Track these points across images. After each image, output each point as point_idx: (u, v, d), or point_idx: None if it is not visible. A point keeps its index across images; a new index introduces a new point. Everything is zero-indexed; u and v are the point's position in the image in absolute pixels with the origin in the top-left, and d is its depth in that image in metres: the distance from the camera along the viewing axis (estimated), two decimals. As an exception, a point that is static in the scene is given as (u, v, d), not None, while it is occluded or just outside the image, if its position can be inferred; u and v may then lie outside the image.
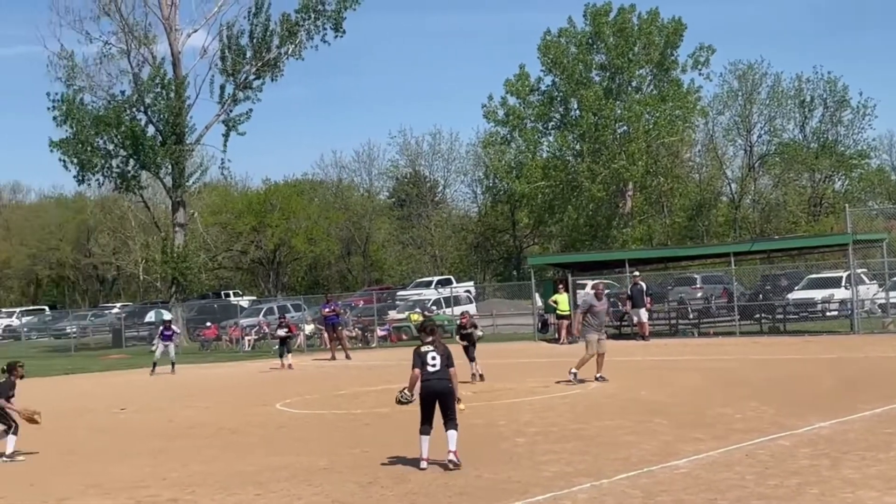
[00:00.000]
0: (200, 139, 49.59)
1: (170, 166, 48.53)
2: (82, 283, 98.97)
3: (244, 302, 58.89)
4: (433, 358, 11.69)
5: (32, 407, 14.61)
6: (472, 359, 22.06)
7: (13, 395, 14.43)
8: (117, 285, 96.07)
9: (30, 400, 15.31)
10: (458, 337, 23.01)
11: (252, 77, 48.42)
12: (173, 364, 30.70)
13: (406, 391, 12.10)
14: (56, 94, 46.61)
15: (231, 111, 48.53)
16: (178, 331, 32.72)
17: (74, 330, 57.10)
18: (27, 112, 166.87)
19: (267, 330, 42.46)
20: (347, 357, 32.21)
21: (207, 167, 53.95)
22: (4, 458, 14.26)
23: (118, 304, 73.16)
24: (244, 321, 45.83)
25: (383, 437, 14.53)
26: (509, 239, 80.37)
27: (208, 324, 46.42)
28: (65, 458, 14.72)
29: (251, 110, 48.57)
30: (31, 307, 78.47)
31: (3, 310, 77.24)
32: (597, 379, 20.14)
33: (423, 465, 11.67)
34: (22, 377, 14.75)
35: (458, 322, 24.18)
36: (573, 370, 20.28)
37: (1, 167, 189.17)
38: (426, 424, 11.75)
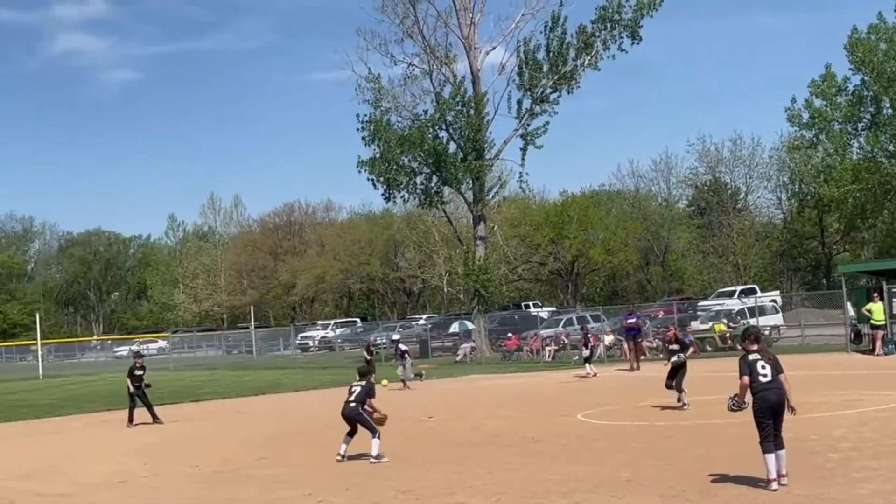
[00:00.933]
0: (499, 154, 50.58)
1: (470, 181, 49.73)
2: (390, 295, 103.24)
3: (544, 313, 59.49)
4: (763, 367, 11.23)
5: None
6: (677, 387, 19.93)
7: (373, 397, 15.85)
8: (423, 297, 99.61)
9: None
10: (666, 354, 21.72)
11: (549, 90, 48.84)
12: (404, 382, 31.70)
13: (737, 398, 11.64)
14: (364, 115, 48.85)
15: (528, 125, 49.12)
16: (406, 349, 33.82)
17: (384, 341, 59.63)
18: (338, 133, 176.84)
19: (566, 340, 42.71)
20: (637, 368, 32.04)
21: (506, 181, 54.96)
22: (372, 460, 15.18)
23: (424, 316, 75.79)
24: (544, 332, 46.31)
25: (687, 449, 14.30)
26: (817, 246, 76.97)
27: (509, 335, 47.21)
28: (378, 464, 15.42)
29: (548, 123, 49.00)
30: (344, 319, 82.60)
31: (319, 322, 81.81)
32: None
33: (774, 486, 10.99)
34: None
35: (665, 337, 22.89)
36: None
37: (315, 187, 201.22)
38: (770, 440, 11.08)
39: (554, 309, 66.40)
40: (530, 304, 70.03)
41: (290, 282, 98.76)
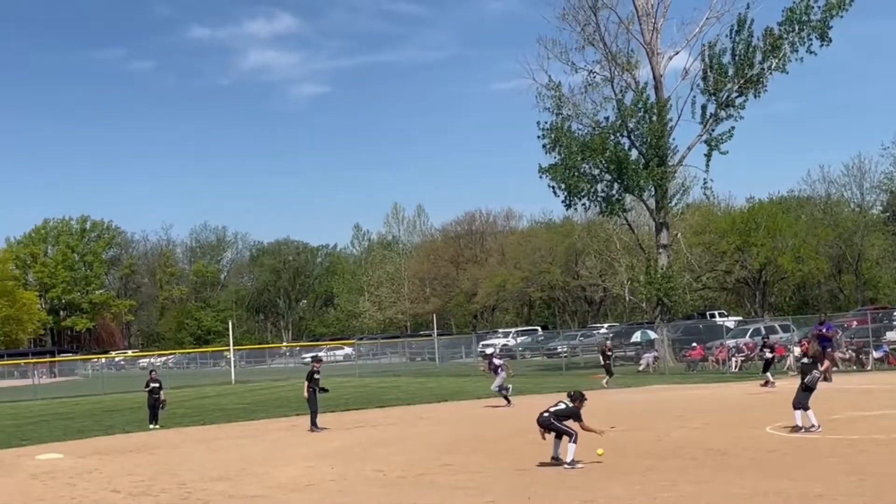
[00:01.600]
0: (682, 160, 49.69)
1: (653, 188, 49.04)
2: (571, 304, 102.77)
3: (730, 322, 58.05)
4: None
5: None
6: (803, 406, 18.29)
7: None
8: (604, 306, 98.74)
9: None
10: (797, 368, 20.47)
11: (734, 95, 47.67)
12: (507, 399, 30.14)
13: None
14: (545, 123, 48.83)
15: (713, 130, 48.08)
16: (501, 363, 31.44)
17: (565, 349, 59.44)
18: (518, 142, 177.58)
19: (753, 352, 41.56)
20: (829, 379, 30.84)
21: (689, 188, 53.94)
22: (566, 465, 15.24)
23: (605, 325, 75.08)
24: (730, 342, 45.18)
25: (882, 465, 13.68)
26: None
27: (693, 344, 46.25)
28: (561, 471, 15.35)
29: (733, 128, 47.84)
30: (524, 327, 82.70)
31: (500, 330, 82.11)
32: None
33: None
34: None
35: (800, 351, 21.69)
36: None
37: (495, 196, 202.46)
38: None
39: (740, 318, 64.74)
40: (715, 313, 68.45)
41: (472, 290, 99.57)
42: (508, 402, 29.67)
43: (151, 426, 28.59)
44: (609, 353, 38.73)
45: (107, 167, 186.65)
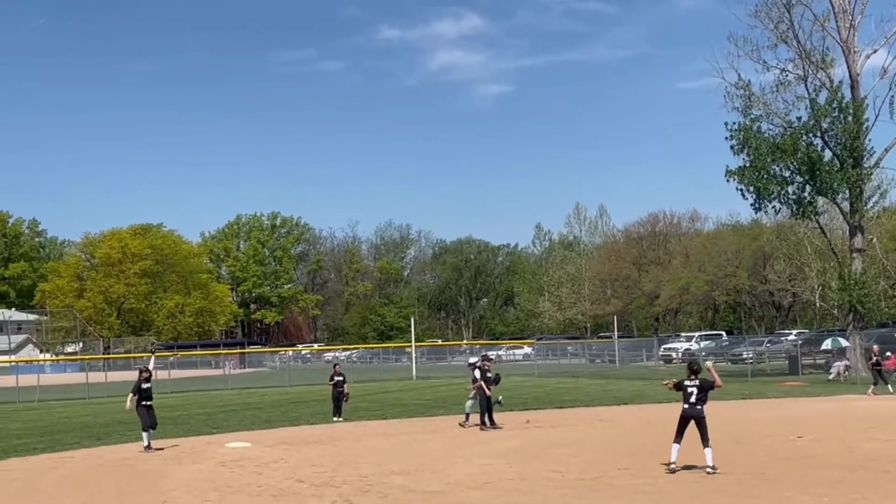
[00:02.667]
0: (879, 162, 47.63)
1: (847, 191, 47.23)
2: (758, 309, 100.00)
3: (928, 332, 55.35)
4: None
5: None
6: None
7: None
8: (793, 312, 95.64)
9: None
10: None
11: (937, 94, 45.52)
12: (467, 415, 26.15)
13: None
14: (733, 123, 47.59)
15: (912, 130, 46.05)
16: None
17: (750, 355, 57.85)
18: (704, 142, 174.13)
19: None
20: None
21: (887, 190, 51.60)
22: (709, 469, 15.35)
23: (794, 331, 72.72)
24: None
25: None
26: None
27: (888, 354, 44.22)
28: (745, 480, 14.94)
29: (935, 129, 45.68)
30: (708, 332, 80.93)
31: (683, 333, 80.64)
32: None
33: None
34: None
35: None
36: None
37: (680, 197, 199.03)
38: None
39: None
40: (912, 322, 65.37)
41: (654, 292, 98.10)
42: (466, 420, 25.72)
43: (335, 419, 29.27)
44: (874, 358, 37.03)
45: (296, 165, 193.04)
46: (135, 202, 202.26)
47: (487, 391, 25.16)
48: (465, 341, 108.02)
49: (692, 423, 15.73)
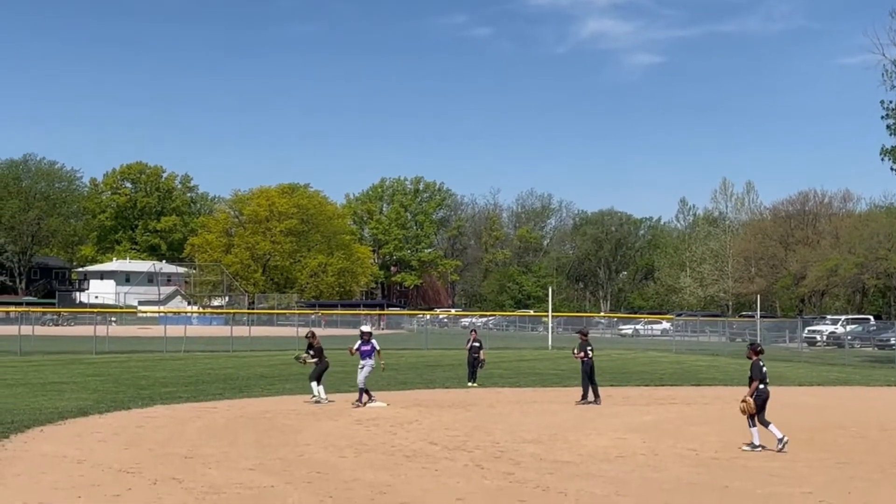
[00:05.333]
0: None
1: None
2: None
3: None
4: None
5: None
6: None
7: None
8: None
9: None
10: None
11: None
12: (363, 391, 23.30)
13: None
14: (890, 102, 45.94)
15: None
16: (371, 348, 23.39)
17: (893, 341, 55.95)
18: (861, 120, 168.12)
19: None
20: None
21: None
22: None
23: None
24: None
25: None
26: None
27: None
28: (888, 469, 14.55)
29: None
30: (855, 315, 78.52)
31: (829, 316, 78.40)
32: None
33: None
34: None
35: None
36: None
37: (832, 176, 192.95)
38: None
39: None
40: None
41: (800, 273, 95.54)
42: (367, 397, 23.02)
43: (470, 384, 29.53)
44: None
45: (441, 131, 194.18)
46: (283, 162, 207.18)
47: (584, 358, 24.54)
48: (601, 314, 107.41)
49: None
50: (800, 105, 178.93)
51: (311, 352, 23.84)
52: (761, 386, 16.37)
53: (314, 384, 23.47)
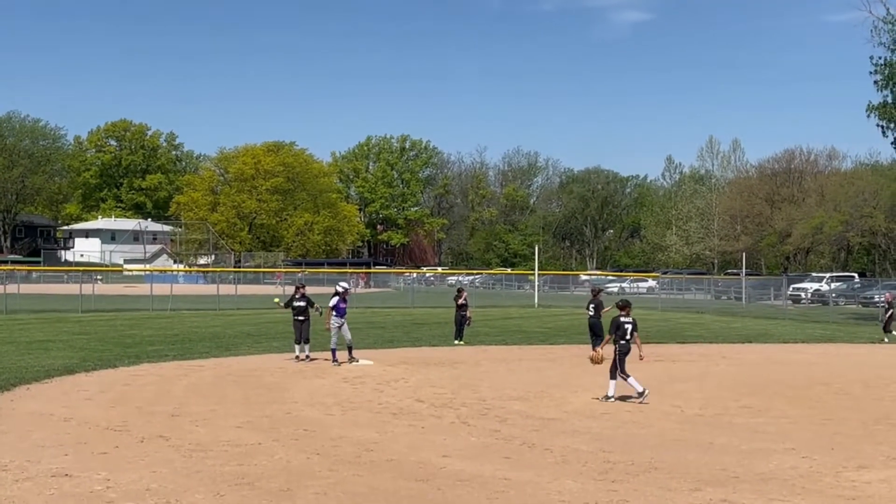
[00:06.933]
0: None
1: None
2: (893, 252, 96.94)
3: None
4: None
5: None
6: None
7: None
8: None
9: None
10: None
11: None
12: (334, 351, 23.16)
13: None
14: (878, 58, 45.95)
15: None
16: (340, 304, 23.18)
17: (882, 299, 56.19)
18: (847, 78, 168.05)
19: None
20: None
21: None
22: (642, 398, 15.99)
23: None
24: None
25: None
26: None
27: None
28: (870, 425, 14.66)
29: None
30: (840, 273, 78.90)
31: (813, 274, 78.76)
32: None
33: None
34: None
35: None
36: None
37: (818, 134, 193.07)
38: None
39: None
40: None
41: (785, 231, 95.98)
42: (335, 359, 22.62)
43: (456, 342, 29.61)
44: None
45: (427, 89, 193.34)
46: (269, 120, 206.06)
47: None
48: (587, 272, 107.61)
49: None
50: (787, 62, 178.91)
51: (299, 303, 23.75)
52: (622, 341, 16.94)
53: (301, 345, 23.52)
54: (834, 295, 63.84)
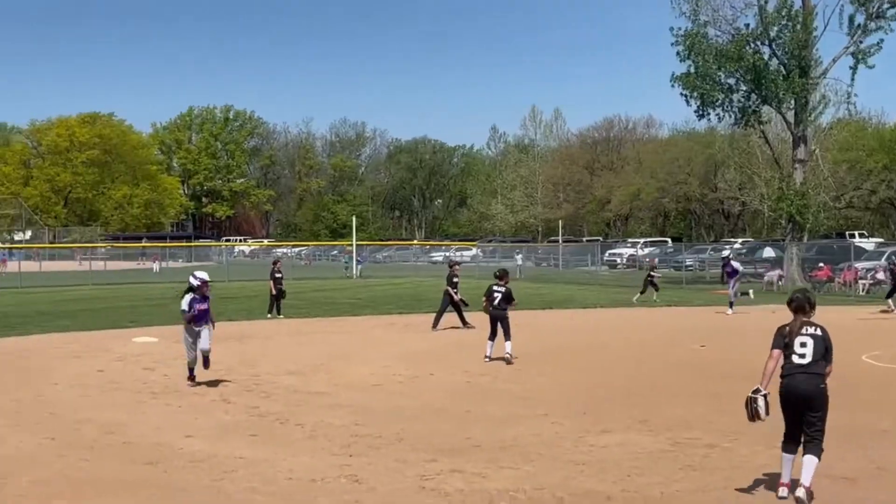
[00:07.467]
0: (826, 72, 47.38)
1: (792, 101, 46.99)
2: (707, 217, 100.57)
3: (869, 244, 55.85)
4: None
5: None
6: None
7: None
8: (742, 220, 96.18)
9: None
10: None
11: (886, 6, 45.14)
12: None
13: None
14: (680, 29, 47.09)
15: (861, 42, 45.69)
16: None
17: (690, 263, 58.12)
18: (661, 48, 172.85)
19: (883, 276, 39.80)
20: None
21: (829, 101, 51.22)
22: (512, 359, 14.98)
23: (739, 240, 73.18)
24: (861, 264, 43.35)
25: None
26: None
27: (820, 265, 44.61)
28: (635, 390, 14.91)
29: (882, 41, 45.44)
30: (654, 238, 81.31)
31: (630, 240, 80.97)
32: None
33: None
34: None
35: None
36: None
37: (637, 103, 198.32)
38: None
39: (882, 240, 62.11)
40: (855, 234, 65.93)
41: (605, 197, 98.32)
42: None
43: (269, 315, 29.02)
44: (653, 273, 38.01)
45: (249, 58, 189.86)
46: (85, 91, 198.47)
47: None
48: (416, 241, 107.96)
49: (498, 322, 18.24)
50: (604, 33, 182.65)
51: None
52: (492, 307, 18.35)
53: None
54: (647, 259, 65.56)
